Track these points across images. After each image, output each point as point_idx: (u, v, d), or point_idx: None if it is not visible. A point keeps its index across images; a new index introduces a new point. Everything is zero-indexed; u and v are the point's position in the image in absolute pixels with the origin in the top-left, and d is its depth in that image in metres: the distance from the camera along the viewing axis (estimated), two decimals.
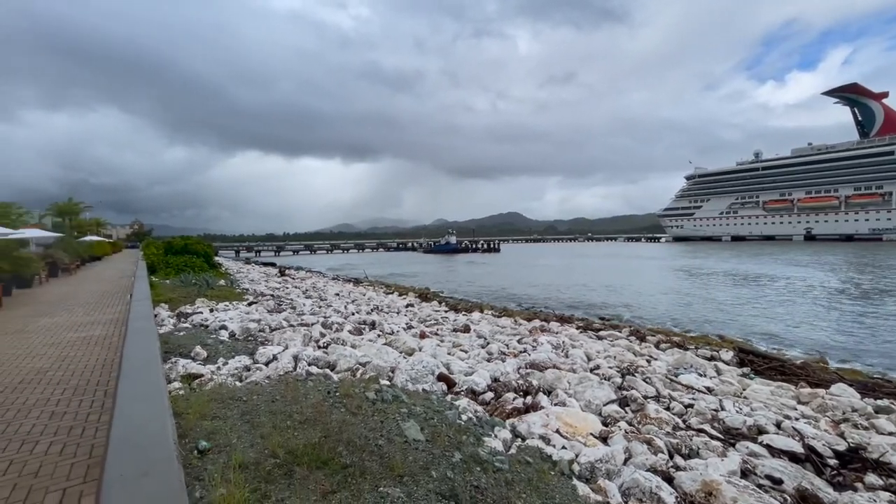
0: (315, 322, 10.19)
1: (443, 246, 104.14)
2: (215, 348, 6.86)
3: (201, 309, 10.61)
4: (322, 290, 20.92)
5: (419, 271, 42.37)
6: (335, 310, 13.57)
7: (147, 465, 1.82)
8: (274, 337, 8.24)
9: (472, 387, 6.10)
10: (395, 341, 8.80)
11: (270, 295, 16.40)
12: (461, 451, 3.45)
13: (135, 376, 2.92)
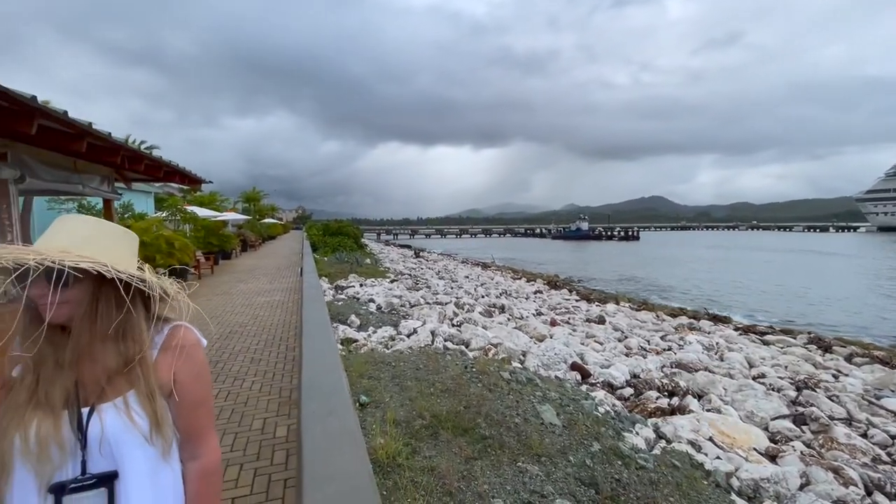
0: (449, 301, 10.77)
1: (573, 232, 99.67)
2: (366, 318, 7.75)
3: (353, 283, 12.04)
4: (453, 272, 21.92)
5: (547, 258, 41.39)
6: (466, 291, 14.12)
7: (330, 406, 2.17)
8: (413, 312, 8.96)
9: (608, 380, 5.81)
10: (524, 326, 8.82)
11: (408, 274, 17.80)
12: (600, 443, 3.34)
13: (314, 335, 3.49)
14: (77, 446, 0.90)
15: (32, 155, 3.87)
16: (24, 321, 0.89)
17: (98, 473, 0.92)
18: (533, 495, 2.58)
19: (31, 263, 0.83)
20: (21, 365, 0.90)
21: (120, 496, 0.93)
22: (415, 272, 19.64)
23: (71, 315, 0.91)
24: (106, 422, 0.93)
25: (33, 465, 0.85)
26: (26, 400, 0.87)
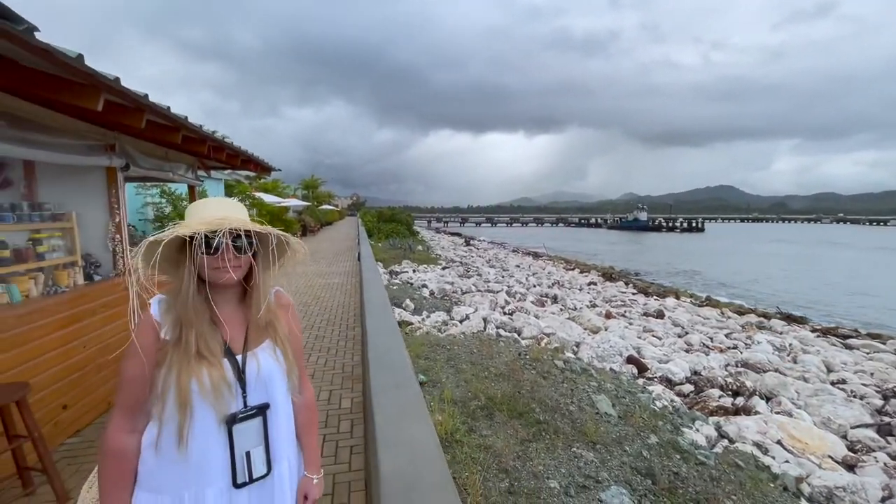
0: (500, 290, 10.80)
1: (630, 222, 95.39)
2: (420, 302, 7.98)
3: (407, 269, 12.38)
4: (503, 260, 21.84)
5: (602, 249, 40.03)
6: (517, 280, 14.06)
7: (396, 380, 2.32)
8: (465, 299, 9.10)
9: (667, 375, 5.63)
10: (578, 317, 8.69)
11: (459, 262, 17.97)
12: (657, 436, 3.29)
13: (376, 315, 3.69)
14: (238, 385, 1.12)
15: (134, 146, 4.34)
16: (189, 285, 1.07)
17: (256, 405, 1.15)
18: (588, 479, 2.62)
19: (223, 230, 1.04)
20: (173, 326, 1.08)
21: (271, 423, 1.17)
22: (466, 260, 19.79)
23: (240, 276, 1.12)
24: (261, 364, 1.16)
25: (211, 403, 1.06)
26: (193, 352, 1.06)
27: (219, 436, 1.09)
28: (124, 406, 1.07)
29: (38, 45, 1.72)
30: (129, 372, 1.06)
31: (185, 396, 1.04)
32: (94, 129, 3.70)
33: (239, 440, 1.11)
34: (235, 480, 1.11)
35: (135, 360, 1.05)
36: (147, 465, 1.08)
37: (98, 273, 4.18)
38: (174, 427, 1.05)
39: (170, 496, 1.08)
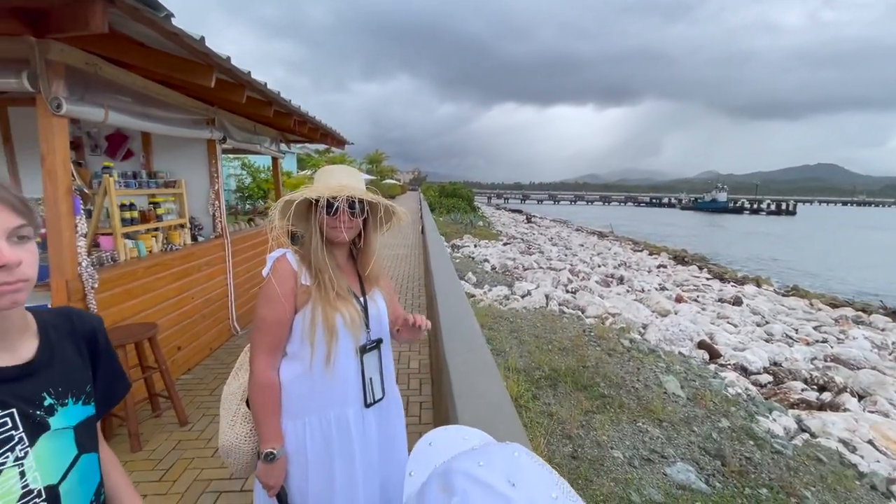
0: (563, 268, 10.63)
1: (707, 203, 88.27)
2: (482, 276, 8.11)
3: (468, 243, 12.53)
4: (566, 239, 21.30)
5: (674, 231, 37.59)
6: (581, 259, 13.72)
7: (468, 344, 2.45)
8: (527, 275, 9.08)
9: (742, 363, 5.34)
10: (646, 299, 8.38)
11: (520, 239, 17.81)
12: (729, 420, 3.19)
13: (444, 283, 3.84)
14: (363, 321, 1.32)
15: (230, 120, 4.76)
16: (316, 238, 1.26)
17: (375, 339, 1.36)
18: (653, 454, 2.63)
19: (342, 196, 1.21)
20: (312, 272, 1.27)
21: (383, 355, 1.40)
22: (527, 237, 19.55)
23: (352, 237, 1.30)
24: (379, 304, 1.38)
25: (351, 332, 1.28)
26: (333, 293, 1.26)
27: (355, 362, 1.31)
28: (269, 347, 1.26)
29: (172, 30, 1.97)
30: (273, 316, 1.24)
31: (333, 327, 1.24)
32: (198, 104, 4.11)
33: (367, 367, 1.33)
34: (366, 401, 1.33)
35: (278, 305, 1.23)
36: (295, 395, 1.29)
37: (201, 234, 4.72)
38: (323, 353, 1.25)
39: (317, 417, 1.29)
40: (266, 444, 1.26)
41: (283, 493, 1.29)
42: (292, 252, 1.30)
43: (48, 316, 0.81)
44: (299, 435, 1.30)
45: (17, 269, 0.66)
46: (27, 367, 0.73)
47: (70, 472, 0.76)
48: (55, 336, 0.79)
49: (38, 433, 0.72)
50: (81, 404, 0.80)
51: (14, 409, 0.69)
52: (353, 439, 1.32)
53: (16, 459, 0.69)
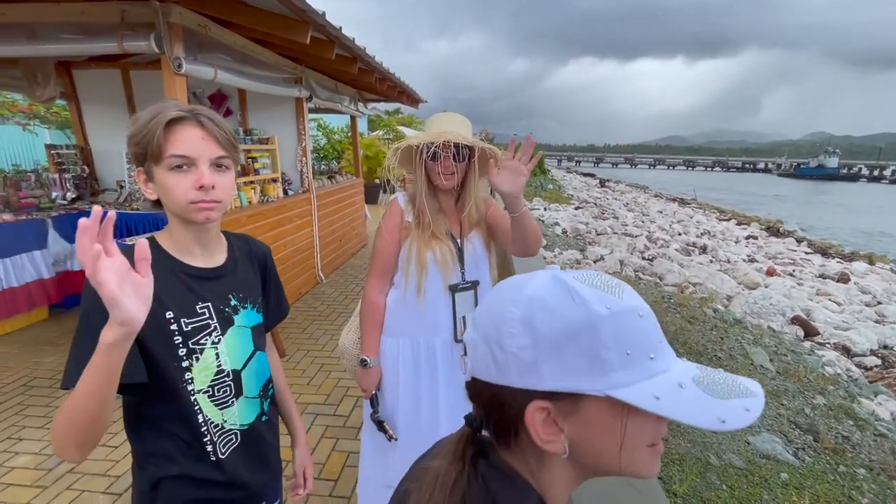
0: (639, 234, 10.11)
1: (812, 170, 77.79)
2: (552, 239, 7.96)
3: (538, 206, 12.26)
4: (644, 205, 20.03)
5: (770, 200, 33.83)
6: (659, 226, 12.91)
7: None
8: (600, 240, 8.77)
9: (844, 343, 4.85)
10: (732, 270, 7.78)
11: (593, 203, 17.06)
12: (825, 398, 2.97)
13: None
14: (459, 262, 1.41)
15: (315, 79, 4.96)
16: (420, 183, 1.36)
17: (470, 280, 1.45)
18: None
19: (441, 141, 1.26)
20: (414, 213, 1.39)
21: (480, 296, 1.47)
22: (600, 202, 18.67)
23: (454, 183, 1.36)
24: (476, 247, 1.45)
25: (441, 271, 1.39)
26: (429, 233, 1.37)
27: (446, 299, 1.42)
28: (377, 272, 1.44)
29: None
30: (382, 247, 1.41)
31: (424, 262, 1.37)
32: (288, 63, 4.31)
33: (459, 305, 1.42)
34: (455, 336, 1.44)
35: (386, 237, 1.40)
36: (393, 317, 1.45)
37: (291, 189, 5.09)
38: (414, 285, 1.39)
39: (409, 339, 1.45)
40: (363, 352, 1.45)
41: (374, 398, 1.48)
42: (403, 194, 1.43)
43: (233, 237, 0.98)
44: (394, 351, 1.47)
45: (213, 192, 0.80)
46: (219, 270, 0.90)
47: (248, 363, 0.94)
48: (238, 253, 0.96)
49: (227, 326, 0.89)
50: (255, 311, 0.97)
51: (210, 303, 0.87)
52: (438, 366, 1.45)
53: (212, 343, 0.87)
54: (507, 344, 0.42)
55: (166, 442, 0.85)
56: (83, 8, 2.62)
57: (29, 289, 3.80)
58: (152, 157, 0.77)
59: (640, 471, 0.43)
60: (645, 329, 0.42)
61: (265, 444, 0.99)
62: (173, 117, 0.77)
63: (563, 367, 0.40)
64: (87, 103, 4.98)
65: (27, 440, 2.40)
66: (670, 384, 0.40)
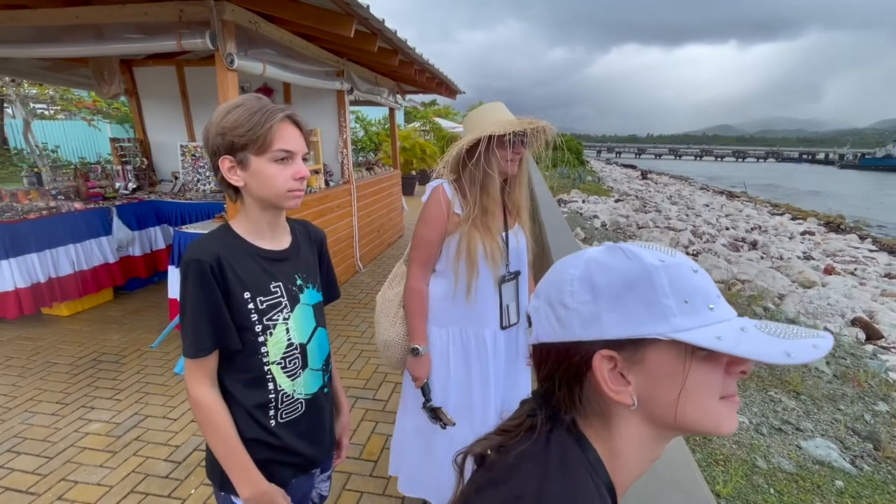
0: (683, 228, 9.71)
1: (878, 160, 71.74)
2: (591, 232, 7.79)
3: (576, 199, 12.00)
4: (688, 198, 19.18)
5: (829, 193, 31.53)
6: (705, 220, 12.34)
7: None
8: (641, 234, 8.50)
9: None
10: (785, 268, 7.35)
11: (634, 196, 16.50)
12: (889, 405, 2.78)
13: (557, 234, 3.80)
14: (504, 255, 1.42)
15: (356, 71, 5.05)
16: (488, 174, 1.34)
17: (513, 271, 1.46)
18: (786, 425, 2.43)
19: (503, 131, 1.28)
20: (464, 204, 1.38)
21: (521, 286, 1.50)
22: (642, 194, 18.02)
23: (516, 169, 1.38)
24: (520, 239, 1.45)
25: (490, 265, 1.39)
26: (481, 227, 1.37)
27: (494, 292, 1.44)
28: (421, 262, 1.45)
29: None
30: (428, 236, 1.41)
31: (475, 260, 1.37)
32: (330, 56, 4.40)
33: (504, 295, 1.44)
34: (501, 324, 1.46)
35: (432, 226, 1.40)
36: (440, 308, 1.47)
37: (332, 180, 5.23)
38: (465, 284, 1.40)
39: (459, 329, 1.48)
40: (413, 341, 1.47)
41: (426, 387, 1.50)
42: (448, 183, 1.42)
43: (294, 223, 1.07)
44: (444, 341, 1.49)
45: (303, 182, 0.92)
46: (286, 253, 0.98)
47: (312, 338, 1.01)
48: (300, 237, 1.04)
49: (294, 304, 0.97)
50: (316, 290, 1.05)
51: (281, 283, 0.95)
52: (488, 355, 1.48)
53: (283, 319, 0.95)
54: (569, 301, 0.45)
55: (241, 409, 0.93)
56: (145, 9, 2.78)
57: (97, 272, 4.12)
58: (256, 148, 0.85)
59: (715, 424, 0.43)
60: (701, 282, 0.43)
61: (324, 414, 1.08)
62: (282, 116, 0.86)
63: (624, 316, 0.42)
64: (145, 98, 5.30)
65: (98, 409, 2.62)
66: (732, 328, 0.41)
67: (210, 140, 0.87)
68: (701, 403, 0.42)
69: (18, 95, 9.46)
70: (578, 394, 0.47)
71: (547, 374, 0.50)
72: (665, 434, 0.47)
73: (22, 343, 3.44)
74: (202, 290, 0.85)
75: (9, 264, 3.50)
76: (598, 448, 0.46)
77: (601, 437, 0.47)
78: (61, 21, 2.92)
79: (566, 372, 0.47)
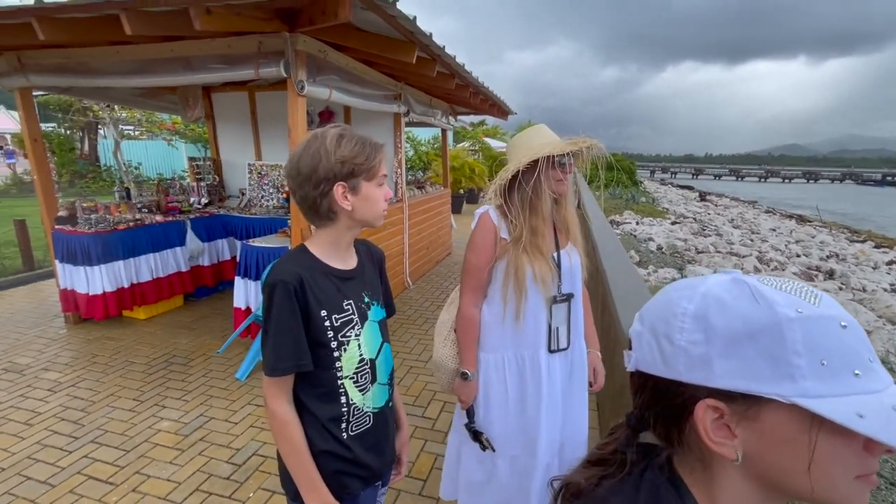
0: (749, 254, 9.09)
1: None
2: (646, 255, 7.48)
3: (629, 220, 11.60)
4: (752, 222, 17.99)
5: None
6: (772, 246, 11.49)
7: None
8: (701, 259, 8.06)
9: None
10: (869, 301, 6.67)
11: (692, 218, 15.71)
12: None
13: (612, 256, 3.70)
14: (555, 277, 1.41)
15: (412, 95, 5.23)
16: (543, 197, 1.35)
17: (566, 293, 1.44)
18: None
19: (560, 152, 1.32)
20: (512, 229, 1.39)
21: (572, 309, 1.47)
22: (700, 217, 17.13)
23: (566, 188, 1.40)
24: (573, 260, 1.42)
25: (541, 287, 1.39)
26: (530, 249, 1.37)
27: (544, 313, 1.42)
28: (472, 288, 1.46)
29: (394, 13, 2.25)
30: (476, 262, 1.43)
31: (522, 283, 1.36)
32: (389, 80, 4.60)
33: (553, 317, 1.42)
34: (549, 347, 1.44)
35: (481, 253, 1.42)
36: (492, 333, 1.47)
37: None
38: (513, 308, 1.40)
39: (512, 353, 1.46)
40: (463, 366, 1.48)
41: (471, 410, 1.50)
42: (494, 208, 1.43)
43: (357, 243, 1.10)
44: (499, 367, 1.47)
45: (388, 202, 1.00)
46: (354, 272, 1.02)
47: (380, 353, 1.05)
48: (364, 257, 1.08)
49: (363, 320, 1.01)
50: (380, 307, 1.08)
51: (352, 300, 0.99)
52: (542, 379, 1.45)
53: (355, 335, 0.99)
54: (677, 338, 0.42)
55: (315, 422, 0.97)
56: (229, 42, 3.05)
57: (171, 279, 4.46)
58: (368, 174, 0.94)
59: (841, 502, 0.38)
60: (849, 340, 0.37)
61: (389, 428, 1.12)
62: (381, 146, 0.97)
63: (740, 367, 0.38)
64: (221, 121, 5.76)
65: (168, 408, 2.81)
66: (881, 405, 0.35)
67: (323, 168, 0.91)
68: (829, 479, 0.37)
69: (111, 119, 10.58)
70: (677, 436, 0.45)
71: (643, 405, 0.48)
72: (776, 497, 0.42)
73: (106, 342, 3.77)
74: (287, 313, 0.90)
75: (100, 270, 3.88)
76: (695, 494, 0.43)
77: (700, 483, 0.44)
78: (158, 55, 3.27)
79: (665, 410, 0.45)
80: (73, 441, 2.48)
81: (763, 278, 0.42)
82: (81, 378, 3.17)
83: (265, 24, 2.70)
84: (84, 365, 3.36)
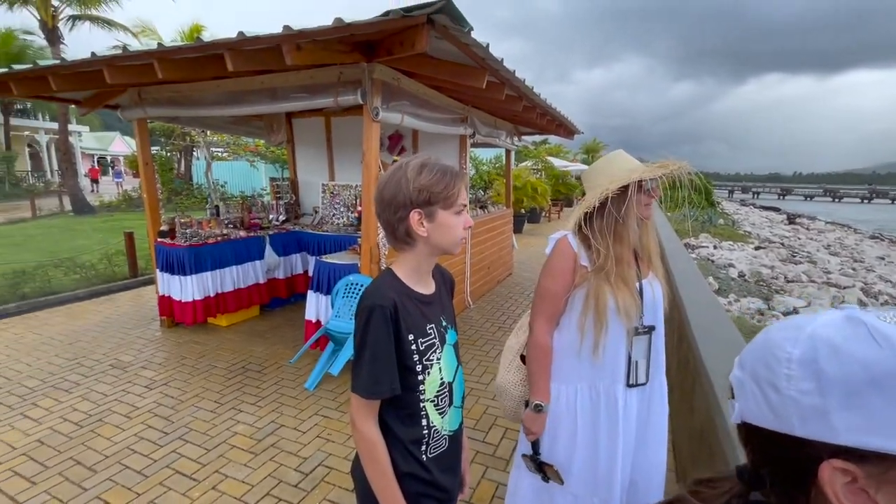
0: (851, 285, 8.09)
1: None
2: (726, 283, 6.91)
3: (706, 244, 10.82)
4: (854, 248, 16.03)
5: None
6: (880, 276, 10.13)
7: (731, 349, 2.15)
8: (792, 289, 7.29)
9: None
10: None
11: (780, 243, 14.32)
12: None
13: (689, 286, 3.46)
14: (639, 307, 1.35)
15: (478, 117, 5.32)
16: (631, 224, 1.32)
17: (647, 325, 1.37)
18: None
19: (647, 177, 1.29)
20: (593, 256, 1.34)
21: (653, 342, 1.40)
22: (789, 241, 15.57)
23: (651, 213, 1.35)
24: (655, 290, 1.36)
25: (623, 319, 1.32)
26: (614, 278, 1.31)
27: (624, 345, 1.36)
28: (546, 314, 1.41)
29: (467, 42, 2.32)
30: (553, 289, 1.39)
31: (603, 314, 1.31)
32: (456, 104, 4.71)
33: (634, 350, 1.35)
34: (628, 381, 1.37)
35: (559, 279, 1.37)
36: (564, 364, 1.41)
37: None
38: (591, 341, 1.34)
39: (587, 385, 1.41)
40: (535, 397, 1.42)
41: (537, 442, 1.44)
42: (573, 234, 1.39)
43: None
44: (571, 399, 1.41)
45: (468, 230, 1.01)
46: (433, 297, 1.05)
47: (455, 375, 1.06)
48: (439, 280, 1.10)
49: (443, 344, 1.03)
50: (455, 331, 1.10)
51: (434, 324, 1.01)
52: (618, 415, 1.37)
53: (437, 359, 1.01)
54: (784, 386, 0.37)
55: (398, 444, 1.00)
56: (312, 73, 3.31)
57: (250, 290, 4.82)
58: (446, 203, 0.97)
59: None
60: None
61: (461, 449, 1.13)
62: (461, 175, 1.00)
63: (868, 421, 0.33)
64: (299, 145, 6.20)
65: (244, 413, 3.00)
66: None
67: (403, 195, 0.95)
68: None
69: (205, 142, 11.80)
70: (804, 501, 0.39)
71: (756, 461, 0.43)
72: None
73: (192, 346, 4.13)
74: (384, 337, 0.92)
75: (191, 280, 4.29)
76: None
77: None
78: (250, 87, 3.61)
79: (783, 469, 0.40)
80: (164, 436, 2.72)
81: (885, 314, 0.37)
82: (172, 378, 3.48)
83: (345, 56, 2.89)
84: (174, 366, 3.70)
